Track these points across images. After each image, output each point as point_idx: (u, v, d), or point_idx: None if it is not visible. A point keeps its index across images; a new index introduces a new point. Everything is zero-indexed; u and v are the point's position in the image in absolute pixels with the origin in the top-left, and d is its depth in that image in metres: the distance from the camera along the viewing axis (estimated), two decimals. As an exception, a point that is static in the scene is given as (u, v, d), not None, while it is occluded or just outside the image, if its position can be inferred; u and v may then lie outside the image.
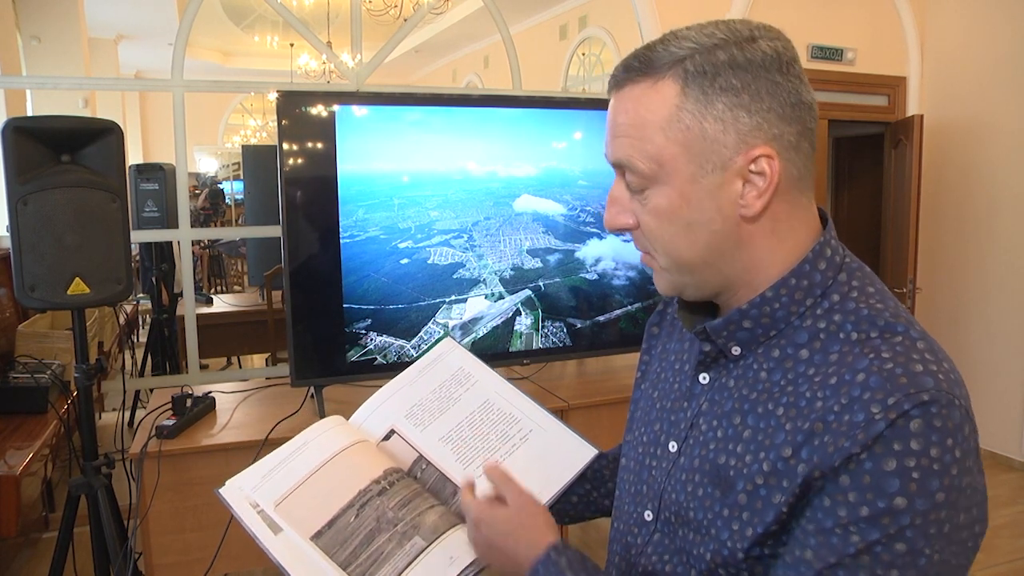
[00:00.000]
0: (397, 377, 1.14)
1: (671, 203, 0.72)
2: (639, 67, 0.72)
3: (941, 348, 0.68)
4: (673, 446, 0.80)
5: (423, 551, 0.90)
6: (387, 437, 1.07)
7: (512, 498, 0.88)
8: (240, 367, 5.03)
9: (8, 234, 1.74)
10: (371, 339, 2.19)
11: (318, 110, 2.10)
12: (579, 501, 1.08)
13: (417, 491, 0.98)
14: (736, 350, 0.75)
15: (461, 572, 0.89)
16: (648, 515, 0.82)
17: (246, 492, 0.96)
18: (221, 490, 0.97)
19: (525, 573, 0.82)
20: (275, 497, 0.95)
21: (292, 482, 0.96)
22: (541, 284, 2.38)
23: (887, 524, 0.61)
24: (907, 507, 0.60)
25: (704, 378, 0.79)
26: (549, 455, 1.05)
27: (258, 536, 0.91)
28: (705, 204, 0.71)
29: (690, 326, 0.82)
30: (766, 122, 0.69)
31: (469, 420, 1.08)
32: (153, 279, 3.99)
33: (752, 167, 0.69)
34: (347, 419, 1.11)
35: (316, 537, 0.91)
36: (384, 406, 1.10)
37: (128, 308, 4.34)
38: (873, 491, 0.61)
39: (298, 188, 2.09)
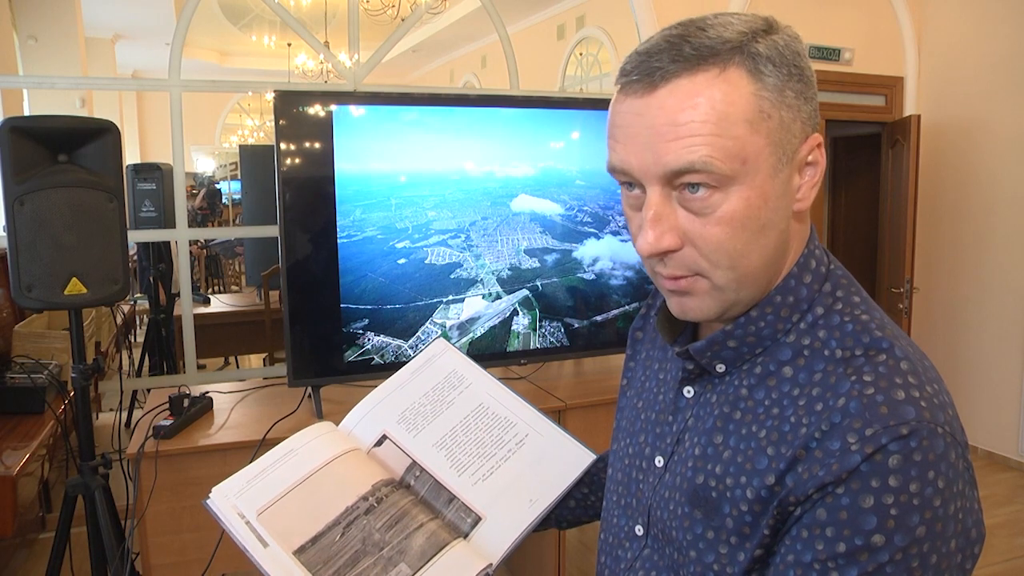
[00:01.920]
0: (389, 380, 1.11)
1: (749, 205, 0.63)
2: (694, 55, 0.62)
3: (928, 366, 0.66)
4: (659, 461, 0.77)
5: None
6: (379, 443, 1.04)
7: None
8: (237, 367, 5.02)
9: (5, 234, 1.74)
10: (368, 339, 2.19)
11: (315, 110, 2.10)
12: (576, 506, 1.05)
13: (406, 508, 0.94)
14: (721, 368, 0.72)
15: None
16: (639, 529, 0.79)
17: (231, 500, 0.93)
18: (208, 500, 0.94)
19: None
20: (258, 505, 0.92)
21: (277, 491, 0.93)
22: (538, 284, 2.38)
23: (865, 561, 0.59)
24: (885, 544, 0.58)
25: (689, 391, 0.76)
26: (546, 460, 1.03)
27: (248, 548, 0.89)
28: (780, 201, 0.65)
29: (669, 339, 0.79)
30: (815, 112, 0.67)
31: (463, 425, 1.05)
32: (150, 279, 3.99)
33: (809, 157, 0.66)
34: (338, 423, 1.08)
35: (299, 552, 0.88)
36: (375, 410, 1.07)
37: (125, 308, 4.33)
38: (850, 527, 0.59)
39: (295, 188, 2.08)
